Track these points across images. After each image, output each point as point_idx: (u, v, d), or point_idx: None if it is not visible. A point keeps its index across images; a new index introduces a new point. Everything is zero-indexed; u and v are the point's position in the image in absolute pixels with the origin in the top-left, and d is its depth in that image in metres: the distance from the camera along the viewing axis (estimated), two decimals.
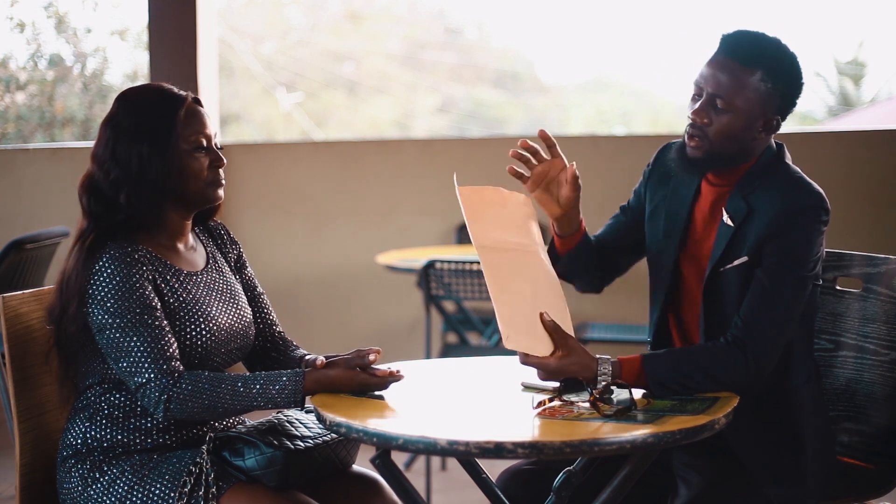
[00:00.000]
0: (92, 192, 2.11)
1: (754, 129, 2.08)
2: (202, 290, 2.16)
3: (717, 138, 2.06)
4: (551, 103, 20.26)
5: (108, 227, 2.09)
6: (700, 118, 2.07)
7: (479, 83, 20.04)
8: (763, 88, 2.05)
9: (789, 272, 2.04)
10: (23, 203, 5.50)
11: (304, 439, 2.08)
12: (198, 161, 2.12)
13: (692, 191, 2.19)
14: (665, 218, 2.22)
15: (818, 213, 2.06)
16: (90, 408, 2.11)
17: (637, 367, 1.99)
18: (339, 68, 19.50)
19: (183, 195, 2.13)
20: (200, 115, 2.15)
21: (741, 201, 2.09)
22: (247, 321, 2.23)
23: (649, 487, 2.15)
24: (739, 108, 2.05)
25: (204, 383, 2.01)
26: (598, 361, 1.98)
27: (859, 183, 5.16)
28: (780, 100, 2.07)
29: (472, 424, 1.84)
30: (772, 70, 2.05)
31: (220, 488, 2.01)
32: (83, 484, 2.07)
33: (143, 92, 2.16)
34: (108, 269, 2.03)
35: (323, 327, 5.48)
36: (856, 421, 2.38)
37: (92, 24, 11.05)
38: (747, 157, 2.11)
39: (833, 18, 22.56)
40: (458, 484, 4.06)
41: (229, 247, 2.32)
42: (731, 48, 2.06)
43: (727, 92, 2.04)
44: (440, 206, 5.46)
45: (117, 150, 2.09)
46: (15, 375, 2.16)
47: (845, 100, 17.79)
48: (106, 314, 2.02)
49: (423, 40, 19.83)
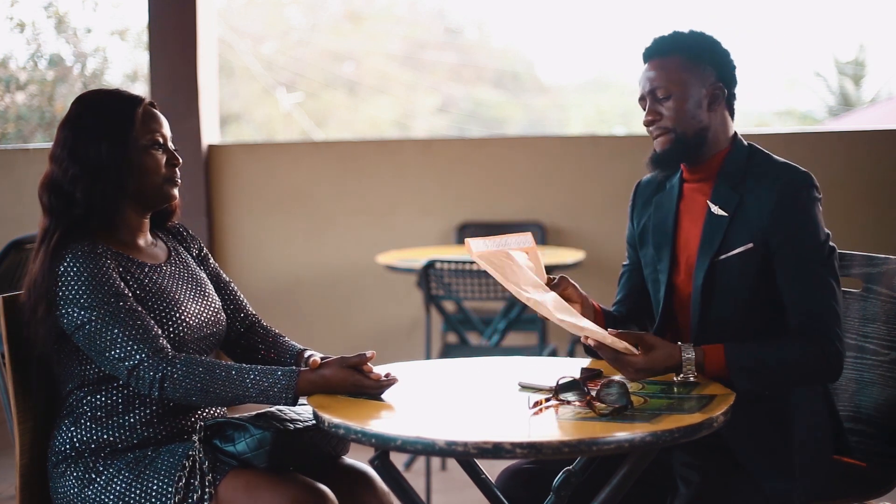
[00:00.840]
0: (51, 190, 2.15)
1: (701, 102, 2.17)
2: (167, 280, 2.20)
3: (675, 122, 2.17)
4: (551, 103, 20.26)
5: (69, 223, 2.12)
6: (653, 115, 2.19)
7: (479, 83, 20.04)
8: (689, 64, 2.18)
9: (814, 255, 2.09)
10: (23, 203, 5.50)
11: (295, 422, 2.09)
12: (154, 158, 2.18)
13: (675, 196, 2.26)
14: (653, 232, 2.28)
15: (812, 191, 2.12)
16: (73, 412, 2.13)
17: (720, 353, 2.03)
18: (339, 68, 19.50)
19: (140, 191, 2.17)
20: (157, 116, 2.22)
21: (729, 191, 2.16)
22: (216, 308, 2.26)
23: (649, 487, 2.15)
24: (677, 90, 2.17)
25: (198, 366, 2.03)
26: (680, 349, 2.02)
27: (859, 183, 5.16)
28: (713, 70, 2.18)
29: (470, 425, 1.84)
30: (687, 48, 2.18)
31: (216, 478, 2.02)
32: (79, 486, 2.07)
33: (101, 94, 2.22)
34: (74, 267, 2.06)
35: (323, 327, 5.48)
36: (855, 421, 2.38)
37: (92, 24, 11.05)
38: (715, 141, 2.20)
39: (833, 18, 22.56)
40: (458, 484, 4.06)
41: (190, 241, 2.37)
42: (651, 51, 2.22)
43: (659, 81, 2.18)
44: (440, 206, 5.46)
45: (76, 148, 2.14)
46: (15, 375, 2.16)
47: (845, 100, 17.80)
48: (81, 310, 2.04)
49: (423, 40, 19.83)
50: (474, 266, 3.99)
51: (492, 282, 4.03)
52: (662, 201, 2.29)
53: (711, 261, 2.14)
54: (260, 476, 2.02)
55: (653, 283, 2.28)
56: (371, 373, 2.01)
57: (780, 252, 2.10)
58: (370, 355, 2.03)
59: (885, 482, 2.30)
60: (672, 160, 2.20)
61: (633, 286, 2.38)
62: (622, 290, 2.41)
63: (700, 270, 2.15)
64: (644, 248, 2.31)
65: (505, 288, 2.07)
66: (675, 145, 2.18)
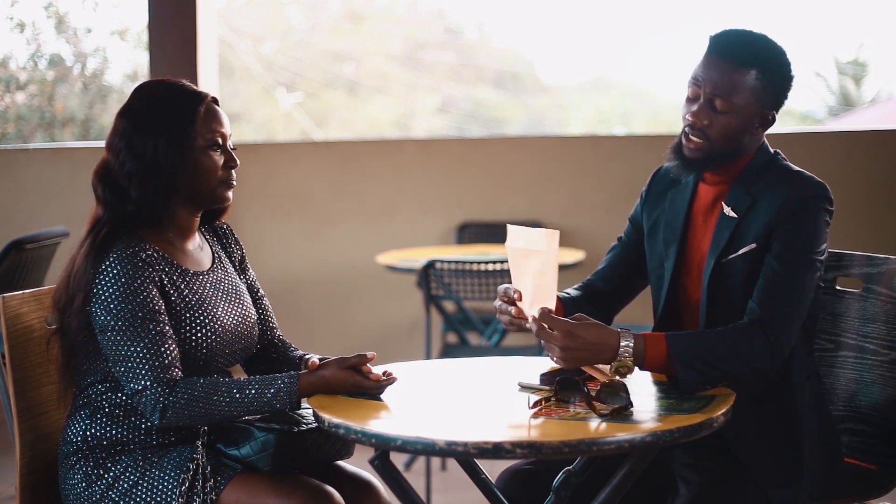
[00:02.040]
0: (106, 181, 2.11)
1: (752, 126, 2.11)
2: (208, 290, 2.16)
3: (717, 138, 2.10)
4: (551, 103, 20.26)
5: (120, 218, 2.09)
6: (699, 120, 2.09)
7: (479, 83, 20.04)
8: (758, 86, 2.09)
9: (800, 254, 2.06)
10: (23, 203, 5.50)
11: (299, 424, 2.08)
12: (212, 158, 2.13)
13: (688, 195, 2.21)
14: (664, 229, 2.23)
15: (823, 202, 2.09)
16: (91, 405, 2.11)
17: (662, 342, 1.97)
18: (339, 68, 19.50)
19: (195, 192, 2.13)
20: (219, 114, 2.16)
21: (743, 194, 2.12)
22: (251, 321, 2.23)
23: (649, 487, 2.15)
24: (737, 108, 2.08)
25: (199, 391, 2.01)
26: (619, 334, 1.95)
27: (859, 183, 5.16)
28: (773, 95, 2.12)
29: (470, 425, 1.84)
30: (765, 67, 2.09)
31: (220, 482, 2.01)
32: (87, 481, 2.07)
33: (164, 86, 2.16)
34: (115, 269, 2.03)
35: (323, 327, 5.48)
36: (856, 421, 2.38)
37: (92, 24, 11.06)
38: (744, 153, 2.15)
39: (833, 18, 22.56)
40: (458, 484, 4.06)
41: (234, 247, 2.33)
42: (724, 48, 2.09)
43: (725, 93, 2.07)
44: (440, 206, 5.46)
45: (133, 141, 2.09)
46: (15, 375, 2.16)
47: (845, 100, 17.79)
48: (108, 315, 2.02)
49: (423, 40, 19.83)
50: (474, 266, 4.00)
51: (492, 282, 4.03)
52: (676, 198, 2.23)
53: (717, 262, 2.12)
54: (264, 481, 2.02)
55: (657, 278, 2.25)
56: (370, 374, 2.01)
57: (773, 246, 2.07)
58: (370, 356, 2.03)
59: (886, 482, 2.30)
60: (698, 167, 2.15)
61: (620, 263, 2.32)
62: (607, 262, 2.35)
63: (707, 272, 2.13)
64: (653, 240, 2.26)
65: None
66: (706, 156, 2.11)
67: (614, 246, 2.37)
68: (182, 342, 2.08)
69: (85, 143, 9.49)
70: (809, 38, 22.80)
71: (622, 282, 2.33)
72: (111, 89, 11.46)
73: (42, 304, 2.23)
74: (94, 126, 11.12)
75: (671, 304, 2.23)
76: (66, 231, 4.05)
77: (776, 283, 2.04)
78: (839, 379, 2.41)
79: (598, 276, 2.34)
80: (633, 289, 2.35)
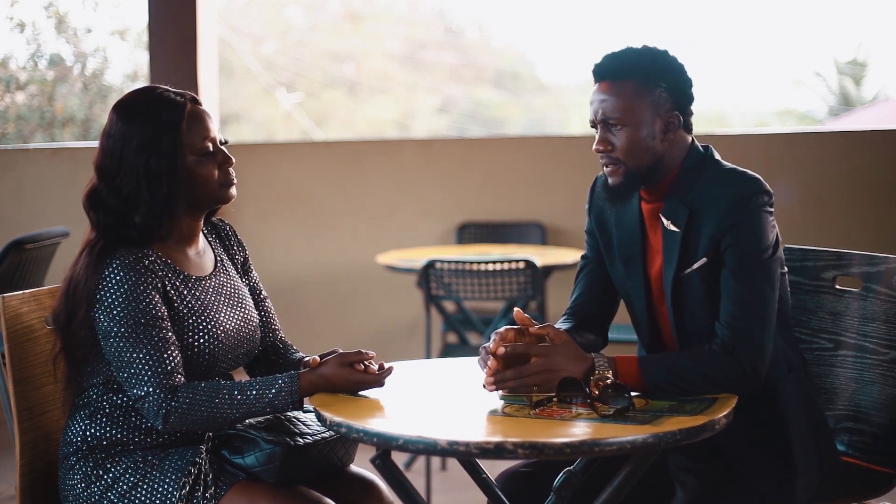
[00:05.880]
0: (100, 207, 2.09)
1: (656, 133, 2.10)
2: (211, 294, 2.16)
3: (627, 155, 2.09)
4: (551, 103, 20.27)
5: (116, 236, 2.08)
6: (603, 146, 2.11)
7: (479, 83, 20.05)
8: (644, 91, 2.08)
9: (753, 264, 2.04)
10: (23, 203, 5.50)
11: (304, 436, 2.08)
12: (207, 167, 2.10)
13: (636, 212, 2.20)
14: (619, 247, 2.23)
15: (760, 198, 2.07)
16: (91, 406, 2.11)
17: (634, 366, 1.99)
18: (339, 68, 19.51)
19: (196, 201, 2.12)
20: (202, 117, 2.11)
21: (678, 205, 2.11)
22: (254, 325, 2.23)
23: (646, 489, 2.14)
24: (630, 118, 2.08)
25: (201, 395, 2.01)
26: (592, 357, 1.98)
27: (859, 183, 5.15)
28: (670, 98, 2.10)
29: (472, 425, 1.84)
30: (645, 72, 2.08)
31: (221, 488, 2.01)
32: (86, 481, 2.07)
33: (141, 102, 2.11)
34: (118, 275, 2.03)
35: (323, 327, 5.48)
36: (856, 420, 2.37)
37: (92, 24, 11.07)
38: (670, 164, 2.13)
39: (833, 18, 22.57)
40: (459, 484, 4.06)
41: (236, 249, 2.32)
42: (603, 72, 2.11)
43: (612, 108, 2.08)
44: (440, 206, 5.46)
45: (123, 166, 2.06)
46: (15, 375, 2.16)
47: (845, 100, 17.81)
48: (111, 321, 2.02)
49: (423, 40, 19.84)
50: (474, 266, 4.00)
51: (492, 282, 4.03)
52: (623, 216, 2.22)
53: (675, 277, 2.11)
54: (265, 490, 2.02)
55: (626, 297, 2.25)
56: (368, 369, 2.01)
57: (724, 259, 2.06)
58: (370, 355, 2.03)
59: (886, 482, 2.30)
60: (625, 193, 2.14)
61: (595, 281, 2.31)
62: (583, 286, 2.33)
63: (667, 287, 2.13)
64: (612, 260, 2.25)
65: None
66: (627, 179, 2.11)
67: (583, 265, 2.34)
68: (185, 347, 2.08)
69: (85, 143, 9.49)
70: (809, 38, 22.81)
71: (604, 297, 2.31)
72: (111, 89, 11.47)
73: (42, 304, 2.22)
74: (94, 126, 11.13)
75: (652, 321, 2.21)
76: (66, 231, 4.05)
77: (738, 303, 2.03)
78: (839, 378, 2.41)
79: (581, 301, 2.32)
80: (615, 302, 2.34)
